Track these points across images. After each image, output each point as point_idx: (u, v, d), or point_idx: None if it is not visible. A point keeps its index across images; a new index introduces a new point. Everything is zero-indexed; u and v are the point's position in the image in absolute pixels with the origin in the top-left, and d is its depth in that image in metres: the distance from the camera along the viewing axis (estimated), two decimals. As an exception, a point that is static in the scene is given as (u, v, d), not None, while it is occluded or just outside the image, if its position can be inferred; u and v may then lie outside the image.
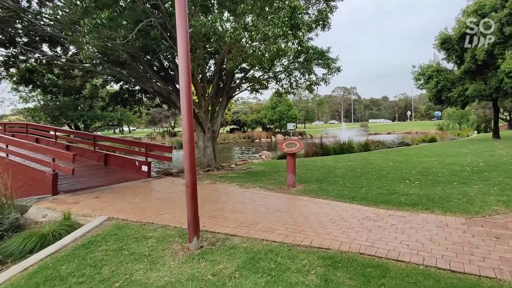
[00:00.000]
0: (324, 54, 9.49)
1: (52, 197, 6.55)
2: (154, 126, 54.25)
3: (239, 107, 58.93)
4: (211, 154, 11.13)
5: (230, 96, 11.63)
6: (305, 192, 6.34)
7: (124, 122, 47.70)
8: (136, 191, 7.13)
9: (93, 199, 6.46)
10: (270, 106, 46.26)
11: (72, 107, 35.27)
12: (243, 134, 45.20)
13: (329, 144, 17.35)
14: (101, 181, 8.17)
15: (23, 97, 34.75)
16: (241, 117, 50.29)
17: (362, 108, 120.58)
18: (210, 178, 8.85)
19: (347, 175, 8.37)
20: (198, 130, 11.16)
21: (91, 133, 11.37)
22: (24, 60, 12.02)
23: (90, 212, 5.47)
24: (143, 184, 7.89)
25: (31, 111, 35.65)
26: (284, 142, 7.03)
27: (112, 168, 9.71)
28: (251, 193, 6.51)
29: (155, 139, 37.75)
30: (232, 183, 7.87)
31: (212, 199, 6.06)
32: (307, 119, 71.85)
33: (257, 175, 9.11)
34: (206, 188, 7.32)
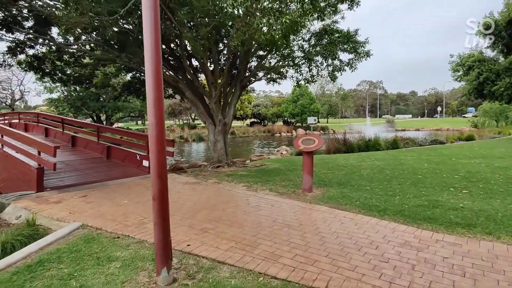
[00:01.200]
0: (351, 37, 8.18)
1: (36, 194, 5.82)
2: (174, 118, 54.22)
3: (259, 100, 57.79)
4: (222, 149, 10.17)
5: (244, 85, 10.57)
6: (323, 200, 5.21)
7: (146, 113, 47.87)
8: (130, 189, 6.28)
9: (79, 198, 5.66)
10: (292, 100, 44.77)
11: (94, 98, 35.52)
12: (263, 128, 44.16)
13: (353, 140, 15.97)
14: (97, 176, 7.42)
15: (47, 88, 35.47)
16: (262, 111, 49.18)
17: (388, 103, 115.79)
18: (217, 176, 7.89)
19: (374, 177, 7.13)
20: (208, 122, 10.22)
21: (95, 123, 10.67)
22: (32, 46, 11.54)
23: (66, 215, 4.65)
24: (141, 182, 7.05)
25: (55, 102, 36.33)
26: (300, 138, 5.91)
27: (114, 162, 8.98)
28: (258, 198, 5.46)
29: (174, 131, 37.43)
30: (239, 183, 6.86)
31: (210, 204, 5.06)
32: (330, 114, 69.54)
33: (270, 173, 8.04)
34: (209, 188, 6.35)
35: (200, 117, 10.54)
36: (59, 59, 12.55)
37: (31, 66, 12.17)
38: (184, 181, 7.23)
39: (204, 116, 10.16)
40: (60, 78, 12.92)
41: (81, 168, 8.08)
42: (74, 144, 10.89)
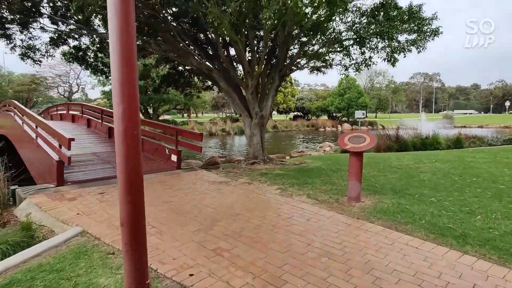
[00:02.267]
0: (413, 13, 6.72)
1: (54, 189, 5.48)
2: (217, 111, 54.74)
3: (304, 94, 55.96)
4: (258, 144, 9.31)
5: (284, 74, 9.55)
6: (375, 214, 4.08)
7: (191, 106, 48.83)
8: (150, 187, 5.70)
9: (95, 195, 5.19)
10: (338, 93, 42.45)
11: (142, 90, 36.80)
12: (306, 122, 42.58)
13: (406, 137, 14.16)
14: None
15: (100, 81, 37.60)
16: (306, 104, 47.48)
17: (446, 97, 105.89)
18: (249, 175, 7.05)
19: (439, 184, 5.75)
20: (244, 115, 9.41)
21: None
22: (76, 38, 11.66)
23: (73, 217, 4.14)
24: (165, 178, 6.46)
25: (107, 94, 38.43)
26: (346, 135, 4.80)
27: (144, 155, 8.58)
28: (292, 206, 4.49)
29: (217, 124, 37.56)
30: (273, 185, 5.94)
31: (233, 212, 4.22)
32: (379, 108, 65.18)
33: (310, 174, 7.00)
34: (236, 190, 5.52)
35: (236, 109, 9.78)
36: (101, 50, 12.58)
37: (75, 57, 12.32)
38: (212, 179, 6.50)
39: (239, 108, 9.37)
40: (102, 70, 12.99)
41: (110, 160, 7.77)
42: (110, 135, 10.81)
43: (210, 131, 33.59)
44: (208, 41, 9.83)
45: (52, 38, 11.04)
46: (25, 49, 10.73)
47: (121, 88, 1.65)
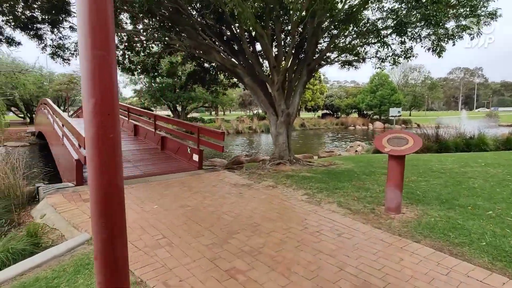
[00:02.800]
0: (462, -5, 5.85)
1: (73, 188, 5.33)
2: (245, 109, 54.59)
3: (333, 91, 54.33)
4: (284, 143, 8.79)
5: (312, 69, 8.92)
6: (420, 230, 3.45)
7: (218, 104, 49.06)
8: (168, 190, 5.38)
9: (112, 196, 4.95)
10: (369, 90, 40.63)
11: (172, 89, 37.40)
12: (336, 120, 41.28)
13: (447, 137, 12.98)
14: (144, 170, 6.80)
15: (132, 80, 38.69)
16: (335, 102, 46.03)
17: (489, 94, 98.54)
18: (274, 177, 6.56)
19: (494, 193, 4.93)
20: (270, 112, 8.92)
21: (151, 111, 10.32)
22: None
23: (85, 221, 3.89)
24: (185, 179, 6.14)
25: (138, 93, 39.49)
26: (384, 136, 4.16)
27: (167, 154, 8.38)
28: (321, 217, 3.95)
29: (243, 122, 37.39)
30: (299, 189, 5.41)
31: (253, 222, 3.76)
32: (414, 106, 61.88)
33: (340, 177, 6.38)
34: (259, 195, 5.06)
35: (261, 106, 9.32)
36: (128, 48, 12.61)
37: (103, 56, 12.40)
38: (234, 181, 6.09)
39: (265, 105, 8.90)
40: (129, 68, 13.04)
41: (133, 159, 7.62)
42: (136, 133, 10.78)
43: (236, 129, 33.46)
44: (233, 36, 9.44)
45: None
46: (55, 49, 10.92)
47: (92, 75, 1.23)
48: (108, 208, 1.32)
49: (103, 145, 1.24)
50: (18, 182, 4.92)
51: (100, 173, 1.27)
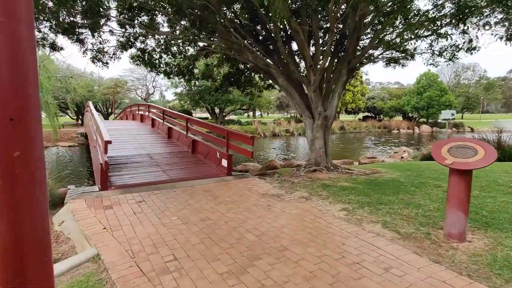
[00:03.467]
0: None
1: (97, 193, 5.17)
2: (282, 111, 53.90)
3: (375, 92, 51.68)
4: (321, 149, 8.10)
5: (353, 68, 8.13)
6: (496, 269, 2.65)
7: (255, 106, 48.93)
8: (192, 198, 5.00)
9: (133, 204, 4.69)
10: (416, 91, 37.87)
11: (210, 91, 37.94)
12: (378, 123, 39.09)
13: (511, 143, 11.35)
14: (171, 174, 6.53)
15: (173, 83, 39.90)
16: (377, 104, 43.66)
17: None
18: (308, 186, 5.93)
19: None
20: (305, 115, 8.29)
21: (183, 114, 10.15)
22: (142, 41, 11.93)
23: (98, 232, 3.60)
24: (211, 187, 5.73)
25: (178, 96, 40.61)
26: (444, 144, 3.38)
27: (197, 158, 8.10)
28: (362, 242, 3.27)
29: (280, 124, 36.81)
30: (337, 202, 4.74)
31: (280, 246, 3.19)
32: (467, 108, 56.80)
33: (384, 189, 5.58)
34: (289, 209, 4.48)
35: (296, 108, 8.71)
36: (166, 51, 12.71)
37: (141, 59, 12.64)
38: (263, 190, 5.56)
39: (300, 107, 8.29)
40: (164, 71, 13.13)
41: (162, 163, 7.42)
42: (169, 135, 10.71)
43: (273, 131, 32.97)
44: (268, 36, 8.97)
45: (120, 42, 11.40)
46: (96, 52, 11.23)
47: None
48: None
49: (4, 172, 0.77)
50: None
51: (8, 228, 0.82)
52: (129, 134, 10.87)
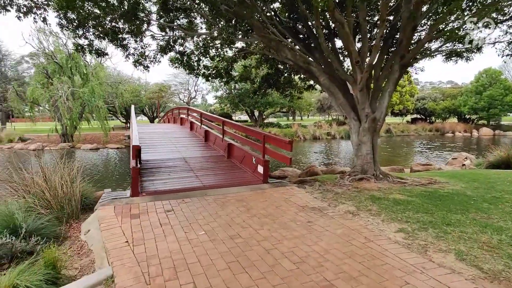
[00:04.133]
0: None
1: (127, 199, 4.93)
2: (323, 113, 52.22)
3: (425, 93, 47.95)
4: (369, 155, 7.27)
5: (406, 64, 7.17)
6: None
7: (295, 108, 47.97)
8: (224, 209, 4.54)
9: (161, 213, 4.35)
10: (474, 90, 34.30)
11: (249, 94, 37.94)
12: (429, 126, 36.14)
13: None
14: (204, 181, 6.16)
15: (214, 87, 40.56)
16: (428, 105, 40.39)
17: None
18: (355, 198, 5.19)
19: None
20: (350, 117, 7.51)
21: (220, 117, 9.84)
22: (181, 43, 11.95)
23: (119, 246, 3.28)
24: (245, 196, 5.23)
25: (219, 99, 41.14)
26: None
27: (232, 163, 7.69)
28: (431, 281, 2.53)
29: (321, 127, 35.57)
30: (391, 221, 3.98)
31: (321, 280, 2.56)
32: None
33: (449, 204, 4.66)
34: (334, 227, 3.82)
35: (340, 110, 7.95)
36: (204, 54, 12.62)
37: (180, 62, 12.67)
38: (303, 201, 4.93)
39: (344, 109, 7.53)
40: (203, 73, 13.04)
41: (196, 167, 7.12)
42: (206, 138, 10.49)
43: (313, 134, 31.91)
44: (309, 32, 8.33)
45: (160, 46, 11.49)
46: (138, 57, 11.41)
47: None
48: None
49: None
50: (72, 190, 4.70)
51: None
52: (166, 137, 10.85)
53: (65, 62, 26.28)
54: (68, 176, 4.92)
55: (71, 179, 4.90)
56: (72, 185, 4.82)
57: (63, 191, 4.59)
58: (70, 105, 24.43)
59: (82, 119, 27.68)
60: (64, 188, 4.69)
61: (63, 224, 4.34)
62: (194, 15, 10.82)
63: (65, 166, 5.14)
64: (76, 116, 26.05)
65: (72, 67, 26.90)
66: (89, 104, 25.87)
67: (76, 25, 8.93)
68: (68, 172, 5.08)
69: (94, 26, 9.29)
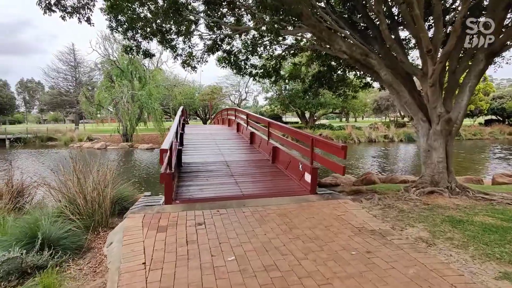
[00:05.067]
0: None
1: (158, 207, 4.51)
2: (380, 115, 48.71)
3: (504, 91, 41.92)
4: (441, 163, 6.03)
5: (495, 51, 5.74)
6: None
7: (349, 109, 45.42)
8: (263, 225, 3.85)
9: (191, 226, 3.82)
10: None
11: (300, 95, 36.88)
12: (508, 129, 31.39)
13: None
14: (244, 189, 5.55)
15: (264, 88, 40.23)
16: (507, 104, 35.18)
17: None
18: (426, 219, 4.12)
19: None
20: (418, 118, 6.34)
21: (265, 118, 9.19)
22: (229, 42, 11.65)
23: (133, 267, 2.79)
24: (289, 210, 4.47)
25: (269, 100, 40.70)
26: None
27: (277, 169, 6.96)
28: None
29: (378, 129, 33.05)
30: (486, 259, 2.91)
31: None
32: None
33: None
34: (401, 264, 2.88)
35: (404, 109, 6.77)
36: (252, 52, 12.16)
37: (228, 61, 12.36)
38: (358, 221, 4.02)
39: (410, 108, 6.36)
40: (250, 72, 12.58)
41: (237, 173, 6.55)
42: (252, 141, 9.94)
43: (369, 137, 29.71)
44: (367, 20, 7.29)
45: (207, 45, 11.28)
46: (187, 57, 11.33)
47: None
48: None
49: None
50: (104, 195, 4.41)
51: None
52: (212, 139, 10.54)
53: (126, 66, 28.05)
54: (100, 179, 4.66)
55: (105, 182, 4.64)
56: (104, 190, 4.54)
57: (93, 196, 4.32)
58: (129, 107, 25.95)
59: (140, 120, 29.34)
60: (96, 192, 4.43)
61: (89, 232, 4.05)
62: (241, 12, 10.36)
63: (100, 168, 4.92)
64: (135, 117, 27.64)
65: (132, 72, 28.63)
66: (146, 106, 27.24)
67: (126, 28, 9.02)
68: (103, 175, 4.84)
69: (142, 27, 9.31)
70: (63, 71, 45.49)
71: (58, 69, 45.15)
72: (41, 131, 32.65)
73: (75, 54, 44.94)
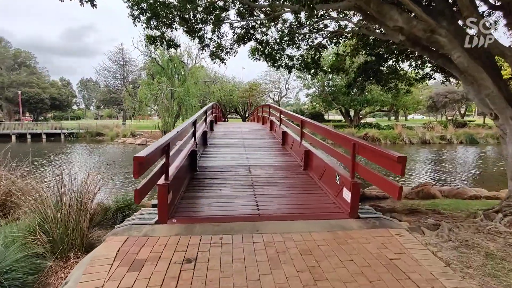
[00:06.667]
0: None
1: (148, 228, 3.51)
2: (435, 113, 44.08)
3: None
4: (539, 179, 4.28)
5: None
6: None
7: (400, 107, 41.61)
8: (277, 268, 2.64)
9: (176, 264, 2.74)
10: None
11: (345, 92, 34.59)
12: None
13: None
14: (262, 205, 4.35)
15: (305, 84, 38.36)
16: None
17: None
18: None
19: None
20: (506, 116, 4.67)
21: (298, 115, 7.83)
22: (262, 31, 10.53)
23: None
24: (317, 244, 3.18)
25: (310, 97, 38.76)
26: None
27: (308, 177, 5.65)
28: None
29: (433, 129, 29.67)
30: None
31: None
32: None
33: None
34: None
35: (484, 105, 5.05)
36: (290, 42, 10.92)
37: (262, 53, 11.22)
38: (423, 275, 2.60)
39: (495, 102, 4.68)
40: (285, 64, 11.36)
41: (258, 181, 5.37)
42: (284, 141, 8.69)
43: (422, 138, 26.69)
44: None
45: (238, 35, 10.24)
46: (215, 48, 10.41)
47: None
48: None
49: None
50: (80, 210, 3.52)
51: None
52: (239, 138, 9.50)
53: (166, 64, 28.26)
54: (85, 188, 3.79)
55: (86, 194, 3.76)
56: (85, 204, 3.65)
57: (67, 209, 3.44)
58: (167, 103, 26.04)
59: (179, 117, 29.46)
60: (73, 206, 3.55)
61: (54, 259, 3.15)
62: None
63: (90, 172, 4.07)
64: (173, 114, 27.75)
65: (172, 69, 28.79)
66: (184, 103, 27.18)
67: (149, 16, 8.32)
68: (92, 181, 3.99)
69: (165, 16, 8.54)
70: (112, 70, 47.90)
71: (109, 68, 47.62)
72: (92, 126, 34.48)
73: (123, 53, 47.00)
